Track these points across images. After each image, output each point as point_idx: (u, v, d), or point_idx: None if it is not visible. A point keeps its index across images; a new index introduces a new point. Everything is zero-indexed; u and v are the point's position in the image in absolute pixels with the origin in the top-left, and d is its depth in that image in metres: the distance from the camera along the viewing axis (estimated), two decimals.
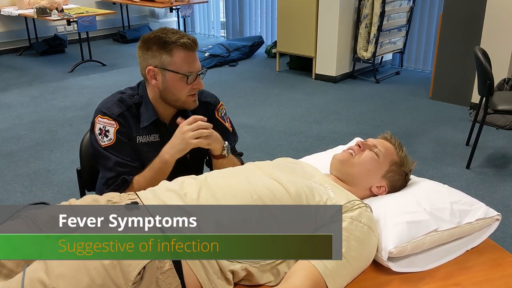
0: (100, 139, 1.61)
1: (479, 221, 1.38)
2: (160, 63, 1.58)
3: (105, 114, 1.61)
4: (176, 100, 1.63)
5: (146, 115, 1.65)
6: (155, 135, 1.67)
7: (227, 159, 1.64)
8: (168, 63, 1.57)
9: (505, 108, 3.38)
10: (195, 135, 1.52)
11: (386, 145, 1.51)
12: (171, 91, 1.61)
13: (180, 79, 1.59)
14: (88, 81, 5.73)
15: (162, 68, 1.58)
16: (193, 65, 1.60)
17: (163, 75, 1.59)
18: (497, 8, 4.35)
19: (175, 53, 1.57)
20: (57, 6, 6.02)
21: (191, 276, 1.15)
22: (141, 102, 1.66)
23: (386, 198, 1.44)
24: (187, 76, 1.59)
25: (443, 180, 3.30)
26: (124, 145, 1.62)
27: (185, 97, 1.62)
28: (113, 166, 1.60)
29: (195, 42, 1.60)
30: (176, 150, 1.55)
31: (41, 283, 1.03)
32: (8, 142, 4.00)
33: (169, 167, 1.57)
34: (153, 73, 1.60)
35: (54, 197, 3.15)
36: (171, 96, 1.62)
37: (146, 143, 1.66)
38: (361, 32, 5.59)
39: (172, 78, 1.59)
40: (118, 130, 1.60)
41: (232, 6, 7.83)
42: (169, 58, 1.57)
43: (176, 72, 1.58)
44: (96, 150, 1.63)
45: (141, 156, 1.65)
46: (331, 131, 4.28)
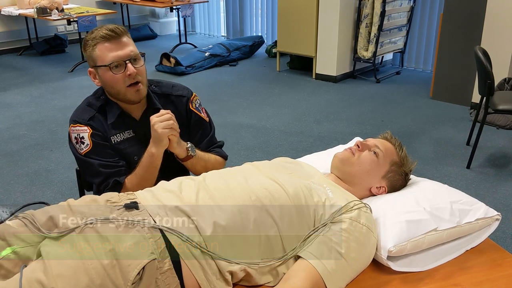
0: (78, 147, 1.62)
1: (479, 221, 1.38)
2: (93, 62, 1.60)
3: (76, 122, 1.63)
4: (117, 93, 1.61)
5: (111, 111, 1.65)
6: (129, 131, 1.67)
7: (196, 158, 1.65)
8: (96, 59, 1.58)
9: (506, 107, 3.37)
10: (164, 126, 1.52)
11: (386, 145, 1.50)
12: (109, 85, 1.61)
13: (108, 71, 1.57)
14: (88, 81, 5.66)
15: (95, 66, 1.59)
16: (117, 54, 1.56)
17: (98, 73, 1.61)
18: (497, 7, 4.34)
19: (98, 47, 1.57)
20: (57, 6, 6.02)
21: (190, 277, 1.15)
22: (106, 102, 1.66)
23: (386, 198, 1.44)
24: (110, 65, 1.55)
25: (444, 180, 3.31)
26: (102, 147, 1.62)
27: (124, 88, 1.59)
28: (98, 169, 1.60)
29: (115, 31, 1.55)
30: (156, 143, 1.55)
31: (39, 283, 1.03)
32: (8, 142, 4.00)
33: (156, 160, 1.57)
34: (93, 74, 1.63)
35: (54, 197, 3.15)
36: (112, 90, 1.62)
37: (122, 141, 1.66)
38: (362, 31, 5.58)
39: (103, 72, 1.58)
40: (92, 134, 1.61)
41: (232, 6, 7.83)
42: (96, 54, 1.57)
43: (102, 65, 1.57)
44: (78, 159, 1.64)
45: (122, 155, 1.65)
46: (332, 131, 4.28)
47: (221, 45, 6.62)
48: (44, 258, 1.07)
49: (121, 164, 1.62)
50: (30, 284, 1.03)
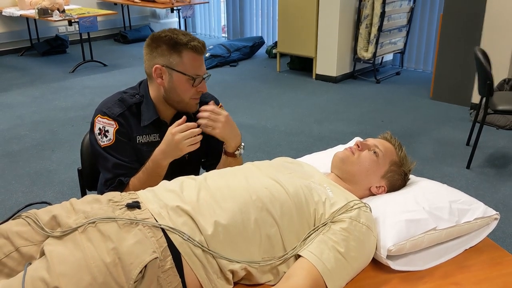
0: (99, 139, 1.61)
1: (478, 220, 1.39)
2: (168, 63, 1.58)
3: (105, 114, 1.61)
4: (180, 101, 1.63)
5: (147, 114, 1.65)
6: (155, 135, 1.67)
7: (235, 159, 1.65)
8: (177, 63, 1.58)
9: (505, 108, 3.38)
10: (190, 143, 1.52)
11: (386, 145, 1.51)
12: (176, 91, 1.61)
13: (187, 81, 1.59)
14: (89, 82, 5.74)
15: (170, 67, 1.58)
16: (201, 69, 1.61)
17: (170, 75, 1.59)
18: (497, 8, 4.35)
19: (185, 54, 1.57)
20: (58, 6, 6.03)
21: (191, 275, 1.16)
22: (141, 101, 1.66)
23: (385, 197, 1.44)
24: (194, 78, 1.59)
25: (444, 179, 3.32)
26: (124, 145, 1.62)
27: (188, 98, 1.63)
28: (111, 168, 1.60)
29: (204, 46, 1.61)
30: (170, 156, 1.55)
31: (42, 281, 1.04)
32: (10, 142, 4.01)
33: (162, 171, 1.58)
34: (160, 71, 1.60)
35: (55, 197, 3.16)
36: (176, 96, 1.62)
37: (146, 143, 1.66)
38: (362, 32, 5.59)
39: (179, 78, 1.59)
40: (117, 130, 1.60)
41: (232, 7, 7.84)
42: (178, 59, 1.58)
43: (183, 73, 1.58)
44: (95, 150, 1.63)
45: (141, 156, 1.65)
46: (332, 131, 4.29)
47: (222, 46, 6.63)
48: (47, 256, 1.08)
49: (134, 167, 1.62)
50: (33, 282, 1.04)
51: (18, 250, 1.15)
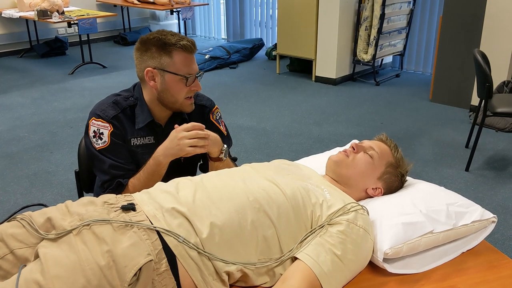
0: (94, 141, 1.61)
1: (475, 223, 1.38)
2: (159, 64, 1.58)
3: (99, 117, 1.61)
4: (174, 101, 1.63)
5: (141, 116, 1.65)
6: (150, 137, 1.67)
7: (223, 162, 1.65)
8: (168, 64, 1.58)
9: (504, 110, 3.38)
10: (191, 143, 1.51)
11: (382, 147, 1.51)
12: (170, 92, 1.61)
13: (179, 81, 1.59)
14: (88, 83, 5.75)
15: (161, 69, 1.58)
16: (192, 67, 1.61)
17: (162, 77, 1.59)
18: (497, 10, 4.35)
19: (175, 54, 1.57)
20: (58, 8, 6.03)
21: (186, 278, 1.15)
22: (136, 104, 1.66)
23: (382, 200, 1.44)
24: (187, 77, 1.59)
25: (443, 182, 3.31)
26: (119, 147, 1.61)
27: (182, 99, 1.62)
28: (107, 169, 1.60)
29: (194, 45, 1.60)
30: (170, 154, 1.54)
31: (36, 283, 1.03)
32: (9, 144, 4.01)
33: (163, 169, 1.57)
34: (151, 74, 1.60)
35: (54, 198, 3.16)
36: (170, 97, 1.62)
37: (141, 145, 1.66)
38: (361, 34, 5.59)
39: (171, 79, 1.59)
40: (112, 132, 1.60)
41: (232, 8, 7.84)
42: (169, 60, 1.57)
43: (175, 73, 1.58)
44: (91, 152, 1.63)
45: (136, 158, 1.65)
46: (331, 133, 4.29)
47: (221, 48, 6.63)
48: (41, 259, 1.08)
49: (131, 168, 1.62)
50: (27, 285, 1.03)
51: (12, 253, 1.14)
